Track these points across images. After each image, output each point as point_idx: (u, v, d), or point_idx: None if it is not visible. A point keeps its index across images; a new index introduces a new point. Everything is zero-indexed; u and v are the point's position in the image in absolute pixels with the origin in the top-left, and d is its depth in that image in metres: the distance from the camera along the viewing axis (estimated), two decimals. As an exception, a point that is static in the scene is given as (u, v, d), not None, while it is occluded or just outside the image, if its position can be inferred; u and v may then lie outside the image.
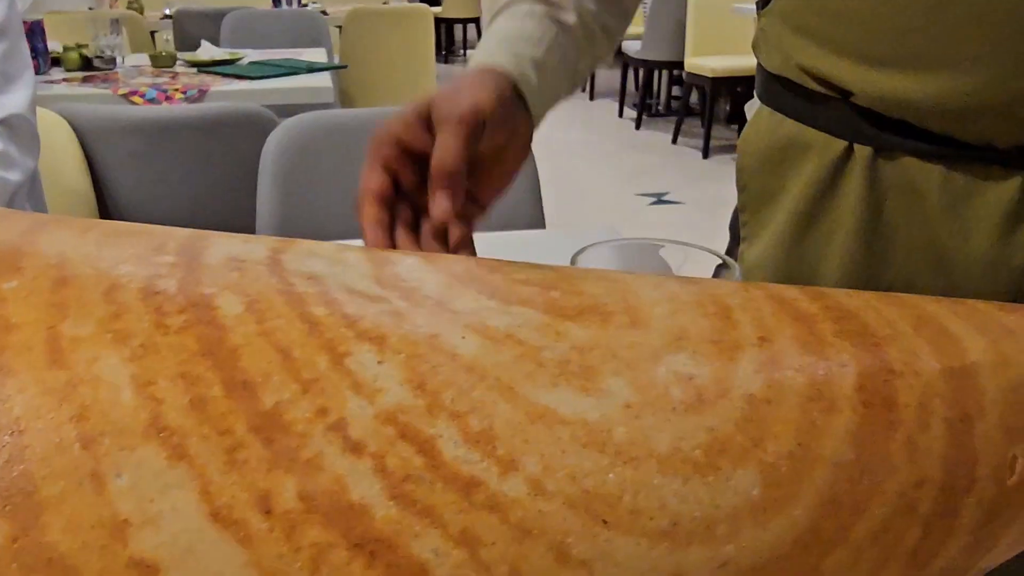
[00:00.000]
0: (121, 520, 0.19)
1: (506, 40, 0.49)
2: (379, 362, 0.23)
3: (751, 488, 0.24)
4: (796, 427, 0.25)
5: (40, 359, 0.21)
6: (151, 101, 1.95)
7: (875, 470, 0.25)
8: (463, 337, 0.24)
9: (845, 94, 0.51)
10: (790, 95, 0.56)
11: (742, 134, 0.63)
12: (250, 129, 1.24)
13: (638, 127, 5.00)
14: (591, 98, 5.82)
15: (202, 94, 2.01)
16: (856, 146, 0.52)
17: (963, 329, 0.29)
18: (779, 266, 0.59)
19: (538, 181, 1.20)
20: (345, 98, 3.18)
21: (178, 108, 1.23)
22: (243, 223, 1.22)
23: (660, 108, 5.34)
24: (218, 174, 1.28)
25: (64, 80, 2.14)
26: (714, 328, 0.27)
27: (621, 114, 5.33)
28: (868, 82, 0.49)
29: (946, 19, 0.45)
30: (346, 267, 0.28)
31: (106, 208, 1.30)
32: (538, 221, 1.18)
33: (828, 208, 0.55)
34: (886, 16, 0.47)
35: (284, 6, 3.85)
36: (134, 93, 1.98)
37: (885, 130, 0.50)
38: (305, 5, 3.98)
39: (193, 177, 1.29)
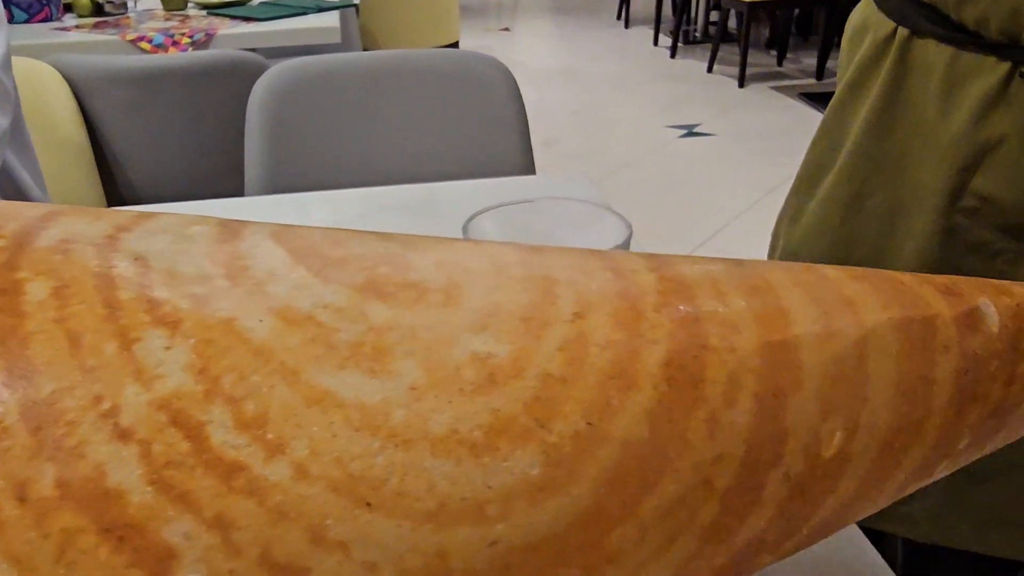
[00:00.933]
0: None
1: None
2: (167, 348, 0.21)
3: (529, 468, 0.21)
4: (587, 406, 0.22)
5: None
6: (158, 47, 1.83)
7: (668, 448, 0.22)
8: (260, 320, 0.22)
9: None
10: None
11: (849, 17, 0.66)
12: (242, 75, 1.18)
13: (673, 55, 4.53)
14: (626, 26, 5.30)
15: (209, 38, 1.86)
16: (899, 28, 0.55)
17: (797, 300, 0.26)
18: (831, 130, 0.64)
19: (527, 128, 1.13)
20: (369, 38, 2.93)
21: (168, 57, 1.17)
22: (236, 172, 1.15)
23: (697, 35, 4.87)
24: (211, 122, 1.22)
25: (76, 27, 2.00)
26: (530, 305, 0.24)
27: (656, 42, 4.83)
28: None
29: None
30: (188, 244, 0.26)
31: (104, 159, 1.26)
32: (527, 167, 1.12)
33: (868, 81, 0.59)
34: None
35: None
36: (141, 39, 1.86)
37: (920, 16, 0.52)
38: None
39: (186, 126, 1.23)
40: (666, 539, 0.22)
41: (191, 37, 1.83)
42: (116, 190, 1.31)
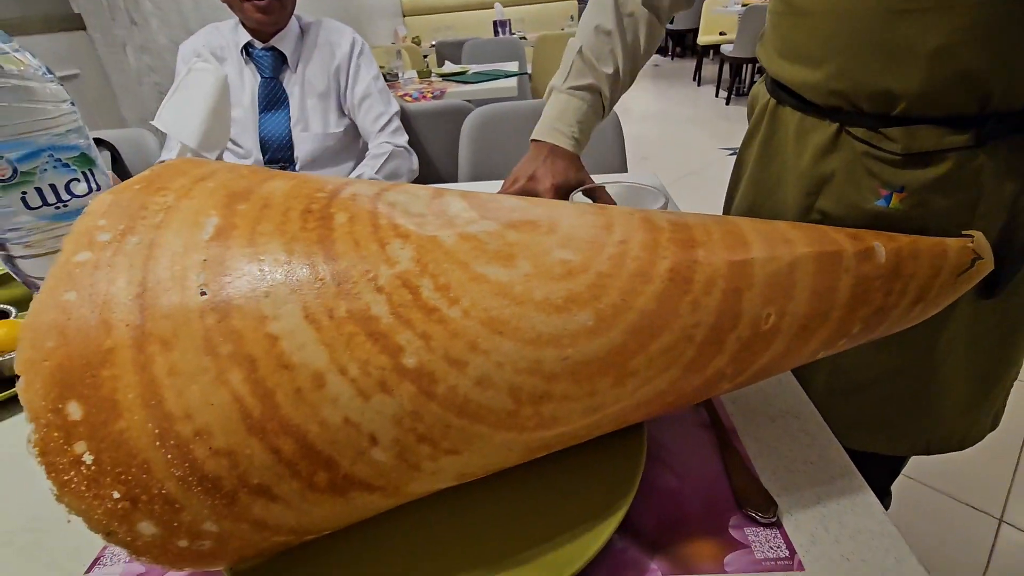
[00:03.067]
0: (264, 316, 0.26)
1: (557, 121, 0.62)
2: (402, 248, 0.28)
3: (587, 320, 0.27)
4: (622, 290, 0.28)
5: (244, 242, 0.29)
6: (414, 99, 2.21)
7: (667, 316, 0.28)
8: (449, 236, 0.29)
9: (767, 64, 0.58)
10: (764, 75, 0.62)
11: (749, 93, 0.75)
12: (458, 115, 1.34)
13: (727, 103, 4.73)
14: (698, 84, 5.60)
15: (441, 94, 2.23)
16: (771, 99, 0.59)
17: (755, 239, 0.30)
18: (739, 166, 0.68)
19: (623, 139, 1.18)
20: (535, 93, 3.27)
21: (422, 104, 1.37)
22: (452, 170, 1.33)
23: (745, 90, 5.00)
24: (442, 142, 1.39)
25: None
26: (595, 235, 0.30)
27: (717, 95, 5.08)
28: (778, 68, 0.56)
29: (813, 44, 0.50)
30: (415, 199, 0.33)
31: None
32: (621, 166, 1.17)
33: (756, 132, 0.63)
34: (792, 41, 0.52)
35: (500, 34, 3.84)
36: (406, 95, 2.26)
37: (783, 93, 0.56)
38: (514, 34, 3.93)
39: (429, 144, 1.41)
40: (663, 366, 0.28)
41: (433, 94, 2.24)
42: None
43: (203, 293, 0.27)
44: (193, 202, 0.31)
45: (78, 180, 0.39)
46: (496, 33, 4.03)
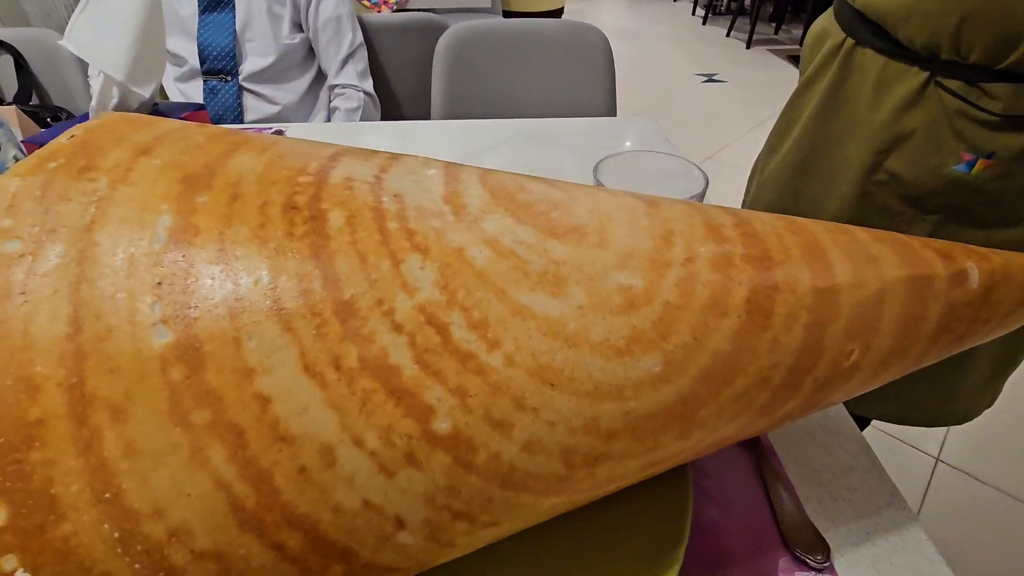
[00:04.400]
0: (249, 368, 0.20)
1: None
2: (421, 268, 0.22)
3: (653, 366, 0.23)
4: (694, 326, 0.23)
5: (211, 256, 0.22)
6: (375, 5, 2.01)
7: (743, 357, 0.24)
8: (480, 251, 0.23)
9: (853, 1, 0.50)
10: (836, 7, 0.54)
11: (811, 26, 0.63)
12: (430, 33, 1.17)
13: (704, 23, 4.49)
14: (674, 0, 5.28)
15: (405, 1, 2.06)
16: (847, 39, 0.51)
17: (838, 257, 0.26)
18: (790, 113, 0.61)
19: (613, 78, 1.08)
20: (506, 4, 2.90)
21: (385, 17, 1.16)
22: (424, 99, 1.17)
23: (722, 8, 4.79)
24: (410, 69, 1.22)
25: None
26: (655, 249, 0.25)
27: (694, 12, 4.85)
28: None
29: None
30: (426, 183, 0.26)
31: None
32: (610, 109, 1.08)
33: (820, 77, 0.55)
34: None
35: None
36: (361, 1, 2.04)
37: (866, 30, 0.49)
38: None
39: (394, 71, 1.23)
40: (734, 414, 0.24)
41: (390, 6, 2.02)
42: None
43: (162, 334, 0.20)
44: (135, 190, 0.23)
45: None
46: None
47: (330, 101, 1.07)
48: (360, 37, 1.07)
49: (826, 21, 0.56)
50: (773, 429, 0.27)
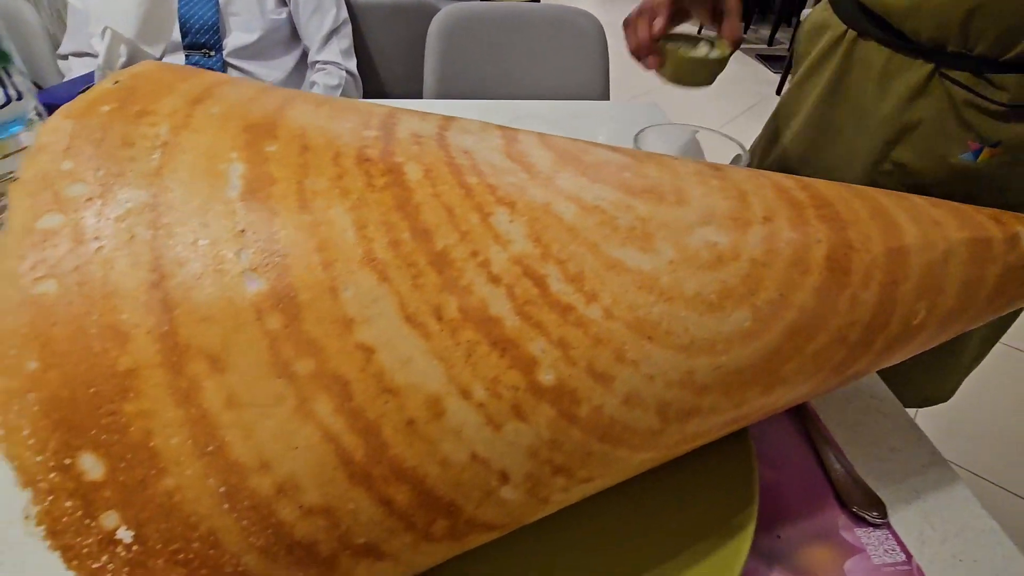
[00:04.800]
0: (349, 318, 0.19)
1: None
2: (510, 221, 0.22)
3: (743, 321, 0.23)
4: (780, 283, 0.23)
5: (293, 205, 0.21)
6: None
7: (825, 314, 0.24)
8: (566, 206, 0.23)
9: None
10: None
11: (807, 16, 0.63)
12: (422, 15, 1.14)
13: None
14: None
15: None
16: (849, 30, 0.52)
17: (904, 219, 0.26)
18: (791, 102, 0.61)
19: (607, 62, 1.08)
20: None
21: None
22: (417, 79, 1.15)
23: None
24: (400, 50, 1.19)
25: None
26: (734, 208, 0.25)
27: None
28: None
29: None
30: (487, 143, 0.25)
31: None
32: (603, 93, 1.09)
33: (822, 67, 0.56)
34: None
35: None
36: None
37: (868, 23, 0.49)
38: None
39: (382, 53, 1.20)
40: (812, 371, 0.25)
41: None
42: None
43: (253, 282, 0.19)
44: (200, 137, 0.22)
45: (-14, 79, 0.27)
46: None
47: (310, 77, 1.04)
48: (345, 14, 1.04)
49: (824, 13, 0.56)
50: (838, 388, 0.28)
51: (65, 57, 0.95)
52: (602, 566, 0.27)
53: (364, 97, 1.12)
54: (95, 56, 0.87)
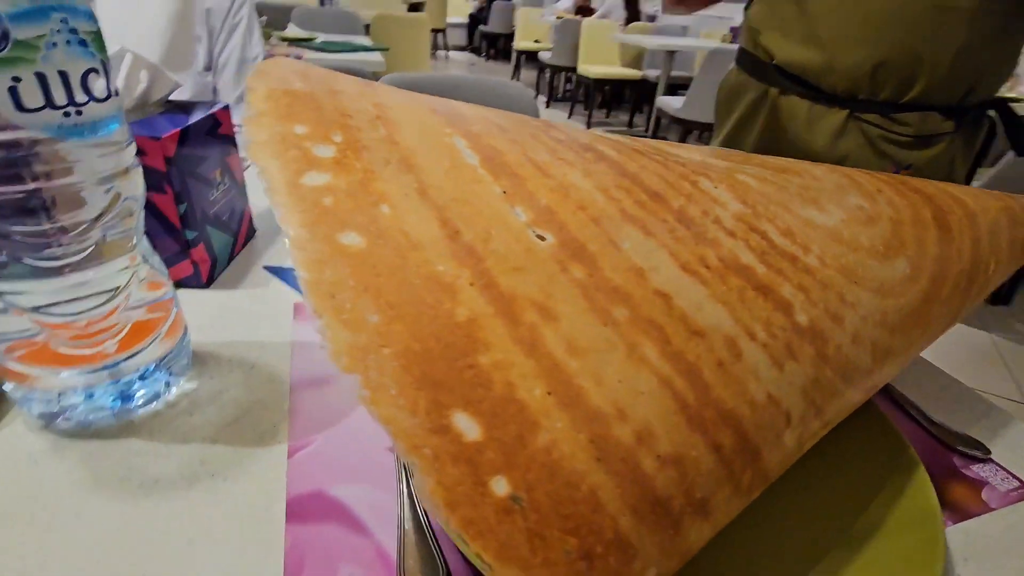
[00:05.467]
0: (639, 267, 0.19)
1: None
2: (715, 187, 0.23)
3: (905, 268, 0.25)
4: (915, 237, 0.27)
5: (533, 172, 0.20)
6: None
7: (948, 261, 0.28)
8: (745, 176, 0.25)
9: (771, 58, 0.55)
10: (747, 58, 0.60)
11: (720, 83, 0.68)
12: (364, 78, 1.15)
13: (547, 106, 4.98)
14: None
15: (299, 58, 1.85)
16: (771, 89, 0.60)
17: (960, 193, 0.32)
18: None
19: None
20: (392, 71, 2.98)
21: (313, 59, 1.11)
22: None
23: (560, 96, 5.38)
24: None
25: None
26: (851, 183, 0.28)
27: (536, 97, 5.29)
28: (785, 52, 0.54)
29: (829, 28, 0.54)
30: (640, 143, 0.27)
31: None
32: None
33: (751, 121, 0.64)
34: (803, 21, 0.55)
35: (328, 6, 3.44)
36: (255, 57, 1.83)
37: (788, 82, 0.59)
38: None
39: None
40: (945, 315, 0.28)
41: (293, 56, 1.80)
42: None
43: (542, 235, 0.18)
44: (403, 115, 0.21)
45: (97, 72, 0.23)
46: (322, 4, 3.60)
47: None
48: None
49: (738, 78, 0.67)
50: (934, 339, 0.31)
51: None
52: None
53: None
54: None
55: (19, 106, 0.20)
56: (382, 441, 0.30)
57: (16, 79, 0.20)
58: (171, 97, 0.34)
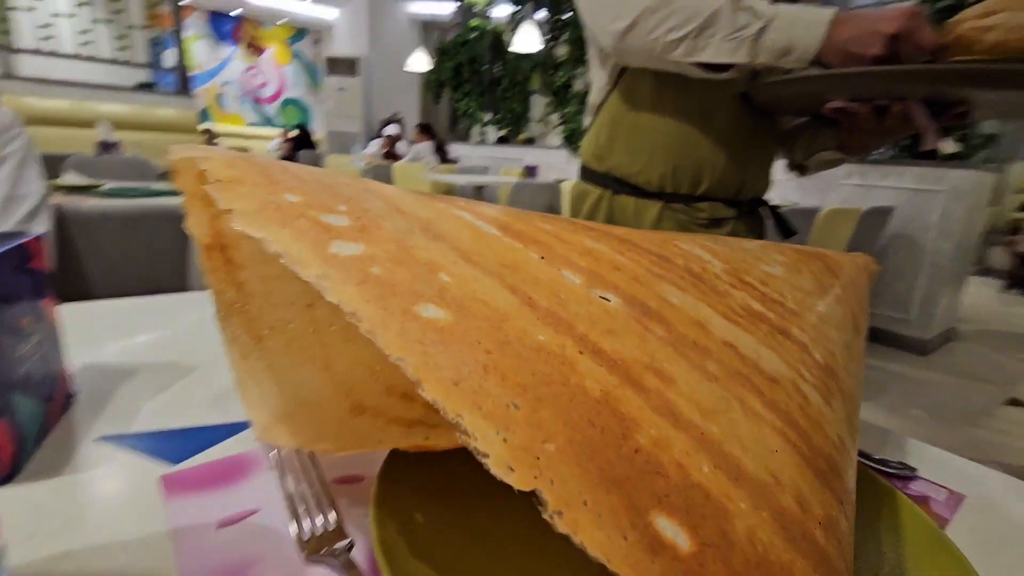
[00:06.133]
0: (698, 320, 0.17)
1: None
2: (692, 248, 0.23)
3: (836, 307, 0.28)
4: (827, 282, 0.30)
5: (556, 241, 0.18)
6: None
7: (848, 302, 0.31)
8: (698, 241, 0.25)
9: (605, 168, 0.68)
10: (586, 172, 0.68)
11: (569, 191, 0.74)
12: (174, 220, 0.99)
13: None
14: None
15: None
16: (605, 191, 0.69)
17: (815, 251, 0.37)
18: None
19: None
20: None
21: (118, 204, 0.91)
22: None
23: None
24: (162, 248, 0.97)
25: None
26: (756, 245, 0.31)
27: None
28: (614, 165, 0.64)
29: (642, 144, 0.65)
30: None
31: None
32: None
33: (595, 218, 0.71)
34: (629, 146, 0.66)
35: (105, 155, 2.95)
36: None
37: (618, 185, 0.68)
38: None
39: (141, 253, 0.96)
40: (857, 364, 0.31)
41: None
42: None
43: (606, 296, 0.16)
44: (389, 190, 0.18)
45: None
46: (99, 153, 3.09)
47: None
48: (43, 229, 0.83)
49: (580, 186, 0.75)
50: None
51: None
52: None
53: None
54: None
55: None
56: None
57: None
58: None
